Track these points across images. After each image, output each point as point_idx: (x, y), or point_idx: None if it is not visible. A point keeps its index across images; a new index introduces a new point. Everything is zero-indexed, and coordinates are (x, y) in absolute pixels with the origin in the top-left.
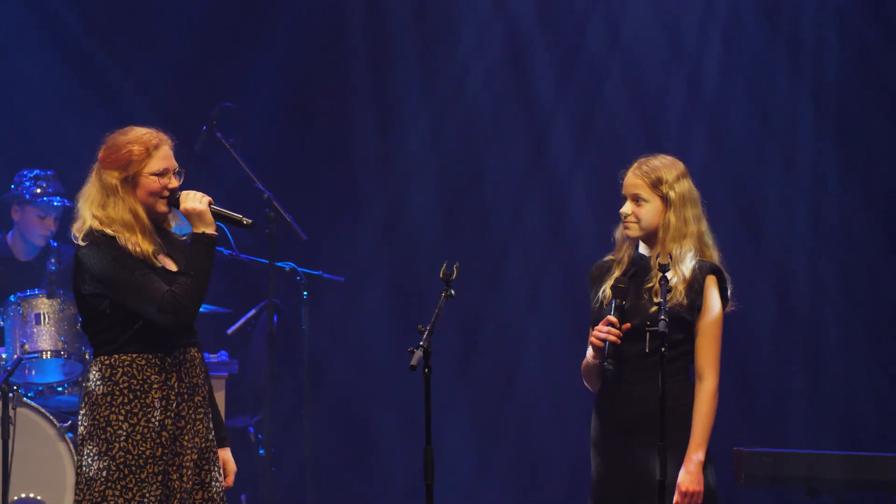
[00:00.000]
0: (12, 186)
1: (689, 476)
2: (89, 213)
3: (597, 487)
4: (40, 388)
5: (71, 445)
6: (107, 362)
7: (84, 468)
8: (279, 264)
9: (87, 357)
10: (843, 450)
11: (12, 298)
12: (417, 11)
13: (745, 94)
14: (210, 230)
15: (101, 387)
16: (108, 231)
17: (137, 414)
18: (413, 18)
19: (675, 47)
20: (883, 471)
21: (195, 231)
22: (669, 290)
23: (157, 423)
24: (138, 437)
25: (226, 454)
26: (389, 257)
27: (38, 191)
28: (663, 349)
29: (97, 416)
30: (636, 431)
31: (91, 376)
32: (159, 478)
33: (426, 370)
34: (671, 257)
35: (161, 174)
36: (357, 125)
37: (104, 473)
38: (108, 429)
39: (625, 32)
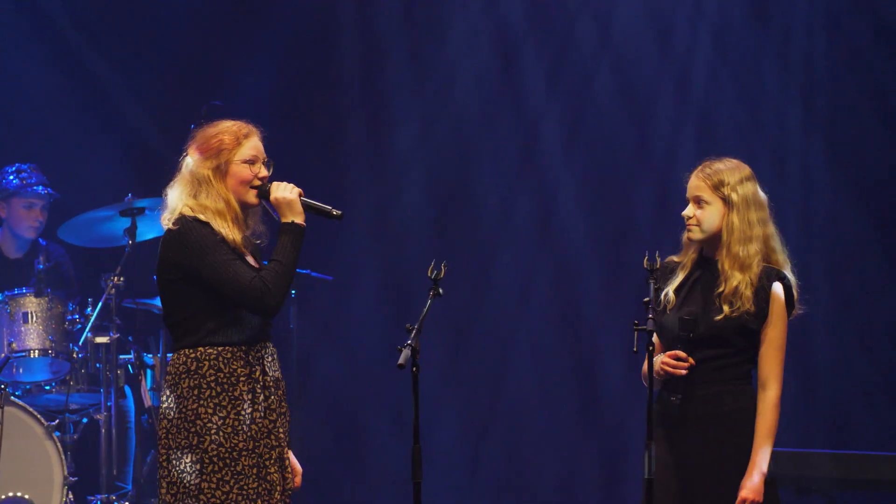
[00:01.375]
0: (3, 185)
1: (750, 485)
2: (180, 201)
3: (650, 486)
4: (28, 386)
5: (59, 444)
6: (192, 355)
7: (173, 461)
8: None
9: (75, 355)
10: (833, 449)
11: (0, 297)
12: (407, 11)
13: (734, 93)
14: (299, 220)
15: (188, 380)
16: (202, 217)
17: (227, 407)
18: (403, 18)
19: (665, 47)
20: (872, 470)
21: (284, 220)
22: (658, 290)
23: (246, 415)
24: (229, 429)
25: (290, 455)
26: (378, 256)
27: (20, 182)
28: (651, 348)
29: (185, 409)
30: (696, 434)
31: (174, 369)
32: (254, 471)
33: (414, 369)
34: (738, 261)
35: (251, 162)
36: (347, 124)
37: (198, 466)
38: (198, 422)
39: (614, 32)
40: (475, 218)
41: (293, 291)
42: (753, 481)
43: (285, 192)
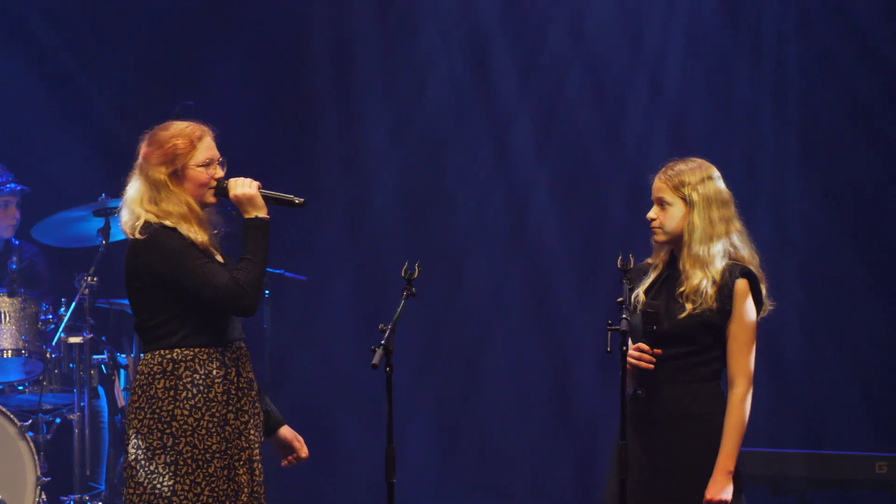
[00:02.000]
0: None
1: (715, 485)
2: (141, 209)
3: (624, 486)
4: (1, 387)
5: (32, 444)
6: (168, 356)
7: (143, 462)
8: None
9: (48, 356)
10: (806, 448)
11: None
12: (380, 10)
13: (706, 92)
14: (262, 213)
15: (163, 380)
16: (168, 223)
17: (202, 409)
18: (375, 17)
19: (637, 46)
20: (845, 469)
21: (247, 217)
22: (632, 290)
23: (220, 417)
24: (203, 431)
25: (286, 432)
26: (352, 256)
27: None
28: (624, 348)
29: (159, 411)
30: (664, 433)
31: (147, 369)
32: (225, 472)
33: (388, 369)
34: (699, 260)
35: (207, 164)
36: (320, 124)
37: (172, 468)
38: (174, 423)
39: (586, 31)
40: (448, 217)
41: (266, 292)
42: (718, 481)
43: (244, 187)
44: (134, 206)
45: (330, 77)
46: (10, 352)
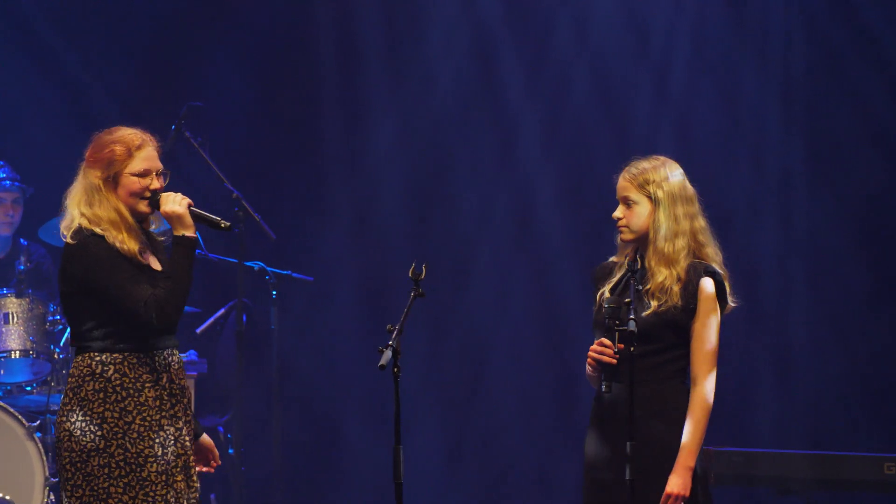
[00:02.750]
0: None
1: (675, 480)
2: (77, 210)
3: (586, 481)
4: (9, 387)
5: (40, 445)
6: (97, 358)
7: (78, 465)
8: (248, 264)
9: (56, 356)
10: (812, 449)
11: None
12: (385, 10)
13: (713, 92)
14: (190, 233)
15: (93, 382)
16: (97, 230)
17: (132, 412)
18: (381, 17)
19: (644, 46)
20: (851, 470)
21: (175, 234)
22: (639, 290)
23: (153, 422)
24: (135, 435)
25: (206, 440)
26: (358, 257)
27: None
28: (632, 349)
29: (90, 413)
30: (627, 430)
31: (77, 371)
32: (163, 478)
33: (395, 370)
34: (664, 257)
35: (142, 175)
36: (326, 124)
37: (105, 471)
38: (104, 426)
39: (593, 31)
40: (454, 218)
41: (273, 293)
42: (680, 475)
43: (174, 205)
44: (71, 207)
45: (335, 78)
46: (17, 352)
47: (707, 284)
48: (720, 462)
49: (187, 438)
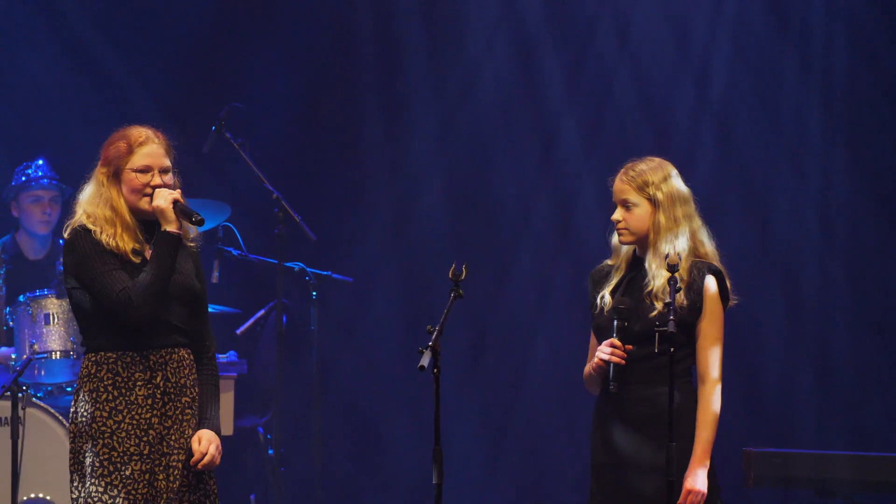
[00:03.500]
0: (12, 183)
1: (694, 478)
2: (81, 208)
3: (594, 486)
4: (49, 388)
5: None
6: (93, 359)
7: (74, 465)
8: (288, 264)
9: None
10: (853, 450)
11: (21, 299)
12: (426, 12)
13: (753, 93)
14: (171, 228)
15: (88, 383)
16: (89, 225)
17: (122, 411)
18: (422, 19)
19: (684, 47)
20: (892, 471)
21: (161, 229)
22: (679, 290)
23: (143, 420)
24: (122, 434)
25: (201, 432)
26: (398, 257)
27: (25, 178)
28: (672, 349)
29: (84, 413)
30: (641, 433)
31: (81, 373)
32: (146, 476)
33: (435, 370)
34: (663, 259)
35: (143, 171)
36: (366, 125)
37: (89, 470)
38: (94, 425)
39: (633, 33)
40: (494, 219)
41: (314, 293)
42: (696, 475)
43: (159, 200)
44: (79, 205)
45: (376, 78)
46: (58, 353)
47: (711, 283)
48: (760, 463)
49: (174, 437)
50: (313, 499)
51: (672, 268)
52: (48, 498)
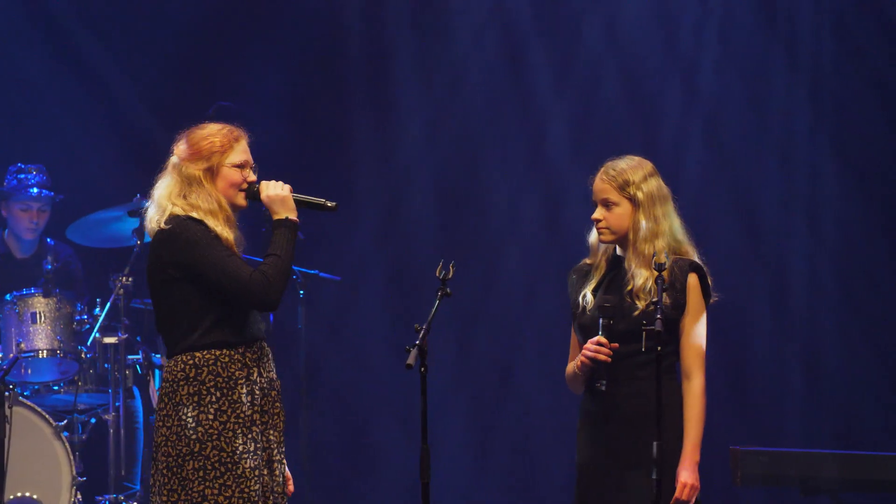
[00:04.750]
0: (3, 185)
1: (686, 473)
2: (168, 202)
3: (580, 485)
4: (36, 386)
5: (67, 444)
6: (189, 361)
7: (175, 469)
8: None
9: (83, 356)
10: (840, 449)
11: (8, 297)
12: (414, 10)
13: (741, 91)
14: (293, 216)
15: (186, 386)
16: (195, 215)
17: (227, 411)
18: (410, 17)
19: (672, 45)
20: (879, 470)
21: (277, 217)
22: (666, 290)
23: (246, 418)
24: (230, 434)
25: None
26: (386, 256)
27: (17, 183)
28: (659, 348)
29: (185, 416)
30: (628, 430)
31: (171, 376)
32: (255, 472)
33: (422, 369)
34: (645, 258)
35: (241, 166)
36: (354, 123)
37: (200, 473)
38: (199, 429)
39: (621, 29)
40: (482, 218)
41: (301, 292)
42: (689, 470)
43: (277, 189)
44: (161, 201)
45: (364, 76)
46: (45, 352)
47: (693, 280)
48: (747, 461)
49: (272, 433)
50: (301, 497)
51: (660, 266)
52: (35, 497)
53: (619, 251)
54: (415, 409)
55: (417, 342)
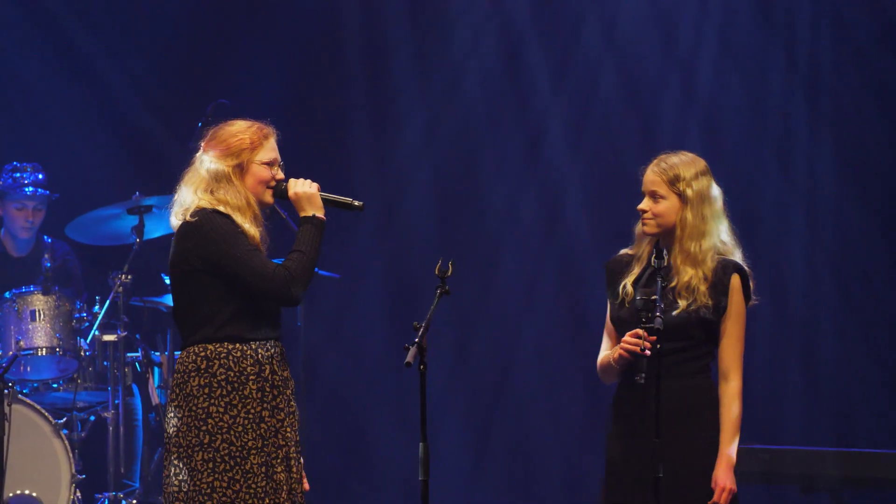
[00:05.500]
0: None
1: (724, 473)
2: (195, 196)
3: (610, 480)
4: (36, 384)
5: (66, 442)
6: (202, 353)
7: (185, 459)
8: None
9: (82, 353)
10: (838, 447)
11: (7, 295)
12: (412, 9)
13: (739, 91)
14: (320, 213)
15: (198, 378)
16: (222, 209)
17: (237, 406)
18: (408, 16)
19: (670, 44)
20: (877, 468)
21: (304, 214)
22: (664, 287)
23: (255, 414)
24: (240, 428)
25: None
26: (385, 254)
27: (12, 182)
28: (659, 346)
29: (195, 408)
30: (663, 427)
31: (183, 367)
32: (263, 469)
33: (421, 367)
34: (690, 256)
35: (270, 164)
36: (352, 122)
37: (210, 465)
38: (210, 420)
39: (620, 29)
40: (481, 216)
41: None
42: (725, 472)
43: (304, 186)
44: (188, 193)
45: (363, 76)
46: (44, 350)
47: (736, 282)
48: (746, 459)
49: (288, 430)
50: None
51: (658, 264)
52: (34, 495)
53: (661, 244)
54: (413, 408)
55: (416, 340)
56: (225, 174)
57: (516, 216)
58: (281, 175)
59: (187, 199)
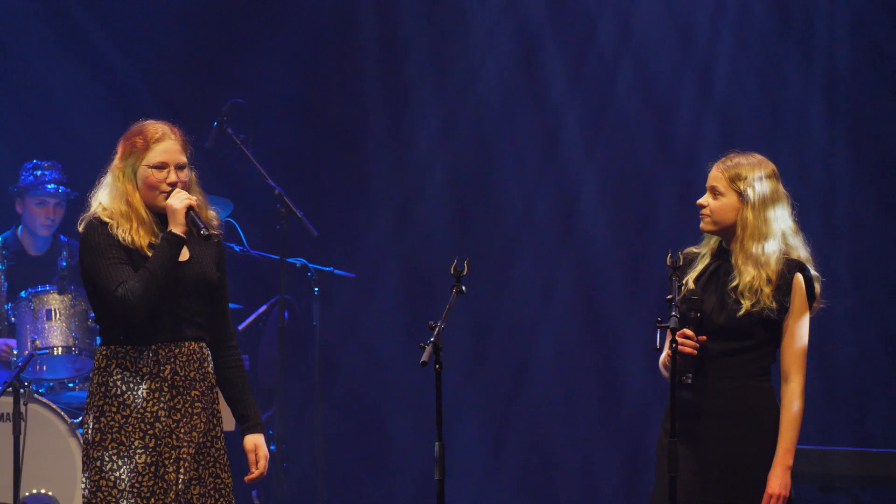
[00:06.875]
0: (19, 181)
1: (777, 480)
2: (97, 201)
3: (661, 480)
4: (51, 383)
5: (82, 441)
6: (104, 352)
7: (84, 458)
8: (290, 260)
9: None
10: (856, 446)
11: (23, 294)
12: (428, 7)
13: (756, 90)
14: (178, 230)
15: (97, 377)
16: (104, 218)
17: (130, 405)
18: (424, 14)
19: (687, 43)
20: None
21: (168, 229)
22: (681, 286)
23: (149, 413)
24: (129, 428)
25: (258, 439)
26: (400, 253)
27: (33, 179)
28: (674, 345)
29: (94, 408)
30: (709, 427)
31: (94, 366)
32: (152, 469)
33: (437, 366)
34: (752, 257)
35: (159, 167)
36: (368, 121)
37: (98, 464)
38: (102, 419)
39: (636, 28)
40: (497, 214)
41: (316, 290)
42: (780, 475)
43: (174, 200)
44: (94, 198)
45: (378, 74)
46: (60, 349)
47: (799, 282)
48: None
49: (182, 431)
50: (316, 495)
51: (674, 264)
52: (50, 494)
53: (725, 244)
54: (429, 407)
55: (432, 339)
56: (117, 177)
57: (532, 215)
58: (173, 178)
59: (91, 203)
